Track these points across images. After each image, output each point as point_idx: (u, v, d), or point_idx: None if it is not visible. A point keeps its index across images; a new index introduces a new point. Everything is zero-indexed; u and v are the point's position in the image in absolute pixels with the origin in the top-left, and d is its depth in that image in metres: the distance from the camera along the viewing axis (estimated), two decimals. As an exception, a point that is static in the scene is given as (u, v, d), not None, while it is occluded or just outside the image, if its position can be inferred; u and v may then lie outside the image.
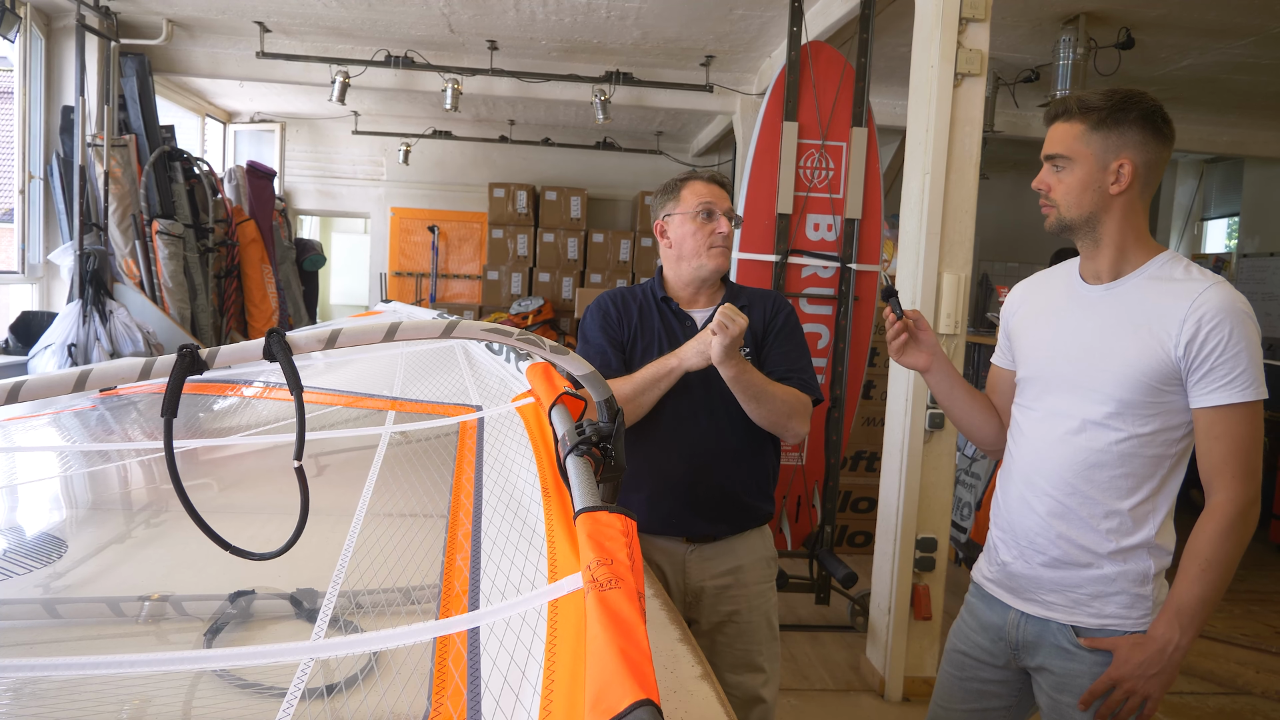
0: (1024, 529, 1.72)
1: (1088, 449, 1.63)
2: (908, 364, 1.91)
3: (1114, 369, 1.59)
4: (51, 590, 1.40)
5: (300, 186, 9.40)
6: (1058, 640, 1.68)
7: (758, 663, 2.16)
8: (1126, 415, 1.59)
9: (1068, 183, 1.64)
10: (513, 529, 1.16)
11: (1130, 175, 1.60)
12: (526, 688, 0.82)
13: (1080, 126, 1.62)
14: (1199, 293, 1.54)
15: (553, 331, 8.97)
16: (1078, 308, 1.69)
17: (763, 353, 2.15)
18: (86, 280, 5.26)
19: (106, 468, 2.05)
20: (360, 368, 2.49)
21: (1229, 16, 4.75)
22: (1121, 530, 1.61)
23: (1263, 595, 4.89)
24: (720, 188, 2.16)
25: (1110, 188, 1.61)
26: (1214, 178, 9.26)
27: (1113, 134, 1.60)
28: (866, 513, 5.09)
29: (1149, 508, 1.61)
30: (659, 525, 2.12)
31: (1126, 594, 1.62)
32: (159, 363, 0.98)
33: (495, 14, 5.46)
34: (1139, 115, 1.60)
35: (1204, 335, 1.52)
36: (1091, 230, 1.64)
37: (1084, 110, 1.62)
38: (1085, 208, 1.63)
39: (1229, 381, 1.52)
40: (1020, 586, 1.73)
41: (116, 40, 5.72)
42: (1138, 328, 1.58)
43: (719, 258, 2.14)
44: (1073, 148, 1.63)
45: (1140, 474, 1.61)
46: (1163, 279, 1.60)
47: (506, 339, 1.04)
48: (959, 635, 1.89)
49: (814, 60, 4.00)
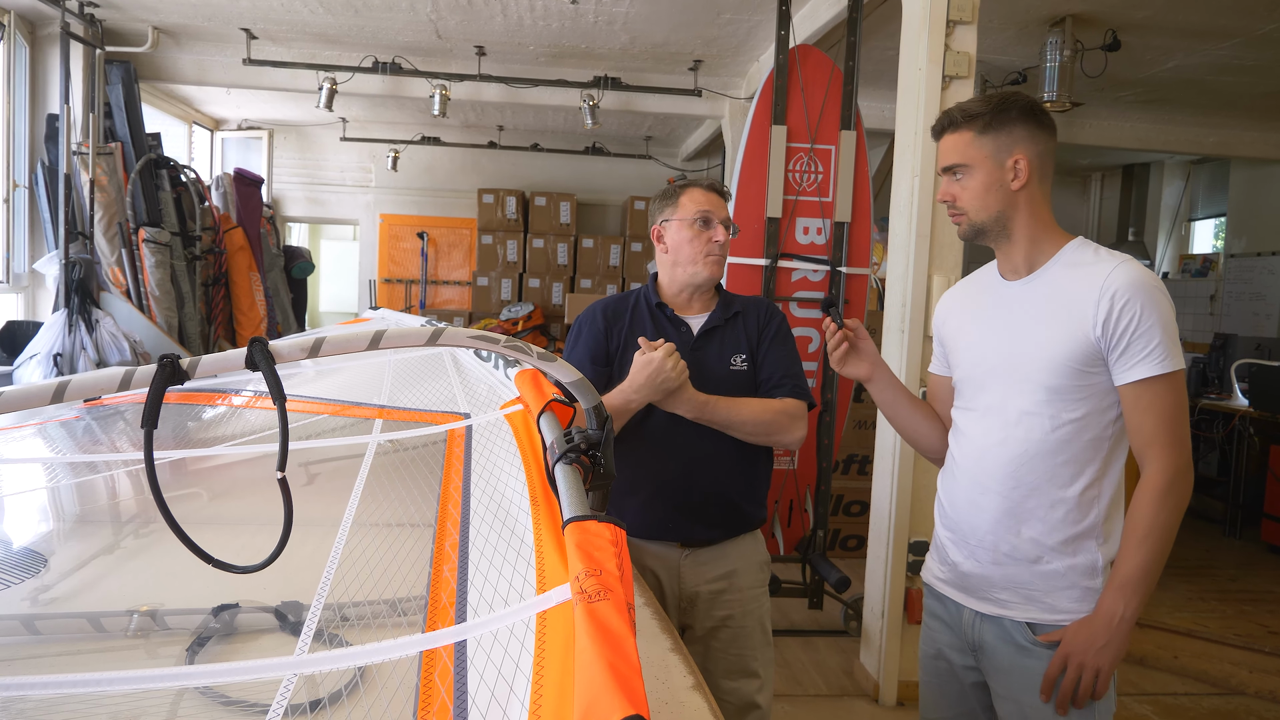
0: (973, 528, 1.74)
1: (1026, 440, 1.66)
2: (849, 374, 1.93)
3: (1039, 357, 1.64)
4: (37, 604, 1.38)
5: (288, 194, 9.37)
6: (1013, 638, 1.69)
7: (752, 668, 2.16)
8: (1056, 401, 1.63)
9: (971, 188, 1.70)
10: (501, 539, 1.15)
11: (1027, 169, 1.66)
12: (514, 702, 0.81)
13: (969, 133, 1.69)
14: (1108, 273, 1.58)
15: (543, 337, 8.95)
16: (1000, 304, 1.75)
17: (758, 359, 2.17)
18: (72, 289, 5.23)
19: (92, 479, 2.02)
20: (348, 376, 2.47)
21: (1214, 18, 4.77)
22: (1070, 519, 1.64)
23: (1255, 595, 4.90)
24: (719, 196, 2.19)
25: (1011, 184, 1.67)
26: (1201, 179, 9.31)
27: (1001, 134, 1.67)
28: (859, 516, 5.09)
29: (1094, 493, 1.64)
30: (653, 530, 2.12)
31: (1077, 587, 1.64)
32: (139, 373, 0.96)
33: (483, 19, 5.45)
34: (1019, 112, 1.67)
35: (1117, 313, 1.56)
36: (1003, 229, 1.70)
37: (968, 118, 1.69)
38: (993, 208, 1.69)
39: (1147, 355, 1.56)
40: (973, 586, 1.75)
41: (102, 48, 5.69)
42: (1056, 315, 1.63)
43: (714, 266, 2.15)
44: (967, 154, 1.69)
45: (1080, 459, 1.64)
46: (1075, 264, 1.65)
47: (493, 346, 1.03)
48: (927, 641, 1.90)
49: (802, 64, 4.00)
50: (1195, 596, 4.83)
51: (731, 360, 2.15)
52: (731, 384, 2.12)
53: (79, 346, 5.14)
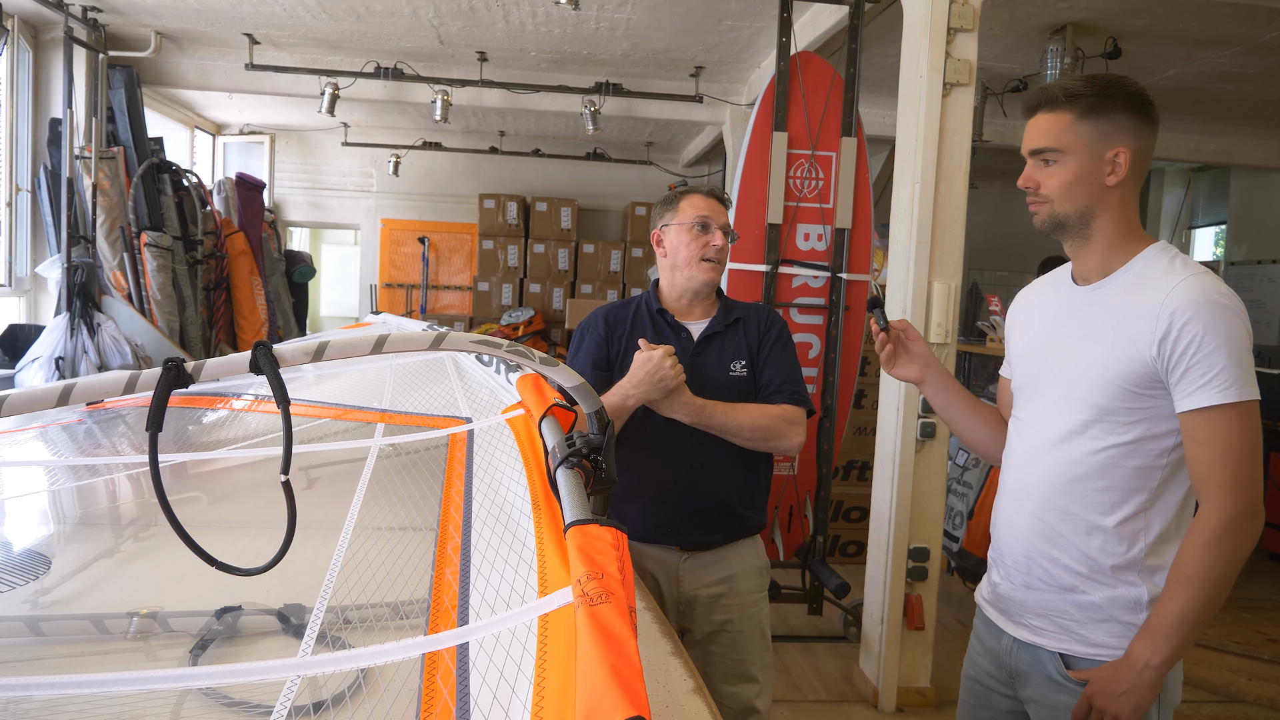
0: (1009, 548, 1.64)
1: (1066, 460, 1.54)
2: (899, 376, 1.86)
3: (1090, 374, 1.50)
4: (38, 607, 1.38)
5: (290, 198, 9.38)
6: (1047, 670, 1.58)
7: (751, 673, 2.16)
8: (1104, 423, 1.49)
9: (1060, 176, 1.53)
10: (502, 542, 1.15)
11: (1126, 164, 1.50)
12: (516, 704, 0.81)
13: (1068, 116, 1.52)
14: (1173, 286, 1.43)
15: (543, 343, 8.95)
16: (1065, 310, 1.61)
17: (758, 365, 2.18)
18: (74, 293, 5.23)
19: (94, 482, 2.03)
20: (350, 380, 2.48)
21: (1214, 27, 4.78)
22: (1106, 550, 1.51)
23: (1255, 603, 4.90)
24: (719, 203, 2.20)
25: (1107, 179, 1.51)
26: (1201, 186, 9.32)
27: (1103, 121, 1.50)
28: (858, 522, 5.09)
29: (1138, 525, 1.49)
30: (653, 534, 2.13)
31: (1116, 621, 1.51)
32: (144, 376, 0.97)
33: (485, 25, 5.47)
34: (1127, 100, 1.50)
35: (1176, 332, 1.40)
36: (1084, 227, 1.54)
37: (1070, 98, 1.51)
38: (1080, 201, 1.53)
39: (1207, 381, 1.39)
40: (1009, 609, 1.65)
41: (104, 52, 5.70)
42: (1115, 328, 1.49)
43: (710, 271, 2.17)
44: (1062, 139, 1.52)
45: (1124, 487, 1.49)
46: (1146, 275, 1.50)
47: (495, 350, 1.03)
48: (969, 661, 1.80)
49: (803, 70, 4.01)
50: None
51: (731, 366, 2.16)
52: (731, 390, 2.13)
53: (81, 350, 5.15)
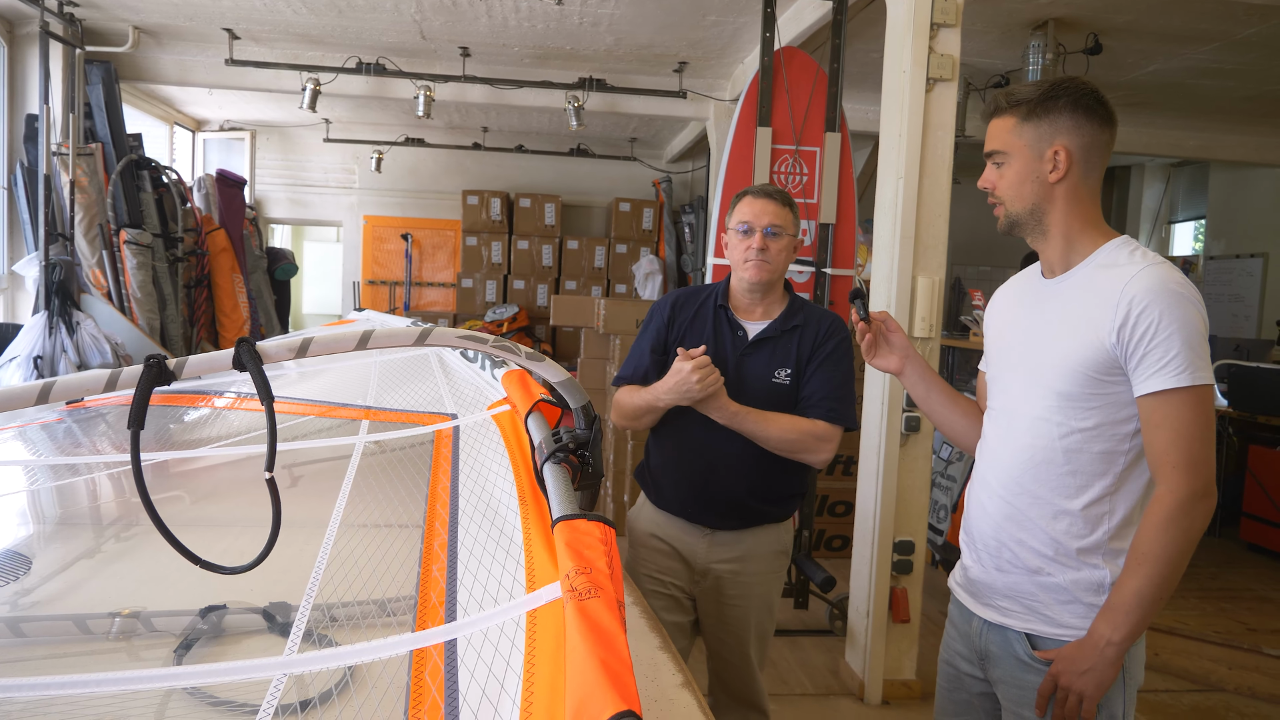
0: (980, 532, 1.70)
1: (1033, 446, 1.60)
2: (879, 366, 1.91)
3: (1055, 362, 1.57)
4: (19, 608, 1.37)
5: (271, 195, 9.32)
6: (1014, 650, 1.64)
7: (746, 637, 2.28)
8: (1066, 409, 1.56)
9: (1008, 177, 1.62)
10: (490, 538, 1.15)
11: (1066, 161, 1.57)
12: (505, 700, 0.81)
13: (1012, 119, 1.61)
14: (1131, 276, 1.49)
15: (528, 339, 8.94)
16: (1034, 303, 1.68)
17: (804, 376, 2.19)
18: (52, 291, 5.18)
19: (74, 481, 2.01)
20: (333, 377, 2.46)
21: (1194, 23, 4.82)
22: (1072, 532, 1.57)
23: (1234, 592, 4.95)
24: (771, 200, 2.21)
25: (1049, 176, 1.59)
26: (1181, 181, 9.41)
27: (1043, 122, 1.58)
28: (844, 516, 5.11)
29: (1103, 509, 1.56)
30: (682, 510, 2.24)
31: (1080, 603, 1.57)
32: (125, 374, 0.96)
33: (467, 20, 5.44)
34: (1068, 100, 1.58)
35: (1134, 319, 1.47)
36: (1038, 223, 1.62)
37: (1014, 104, 1.61)
38: (1028, 200, 1.61)
39: (1163, 366, 1.45)
40: (979, 592, 1.71)
41: (82, 47, 5.64)
42: (1077, 317, 1.56)
43: (753, 270, 2.19)
44: (1007, 141, 1.62)
45: (1089, 471, 1.56)
46: (1107, 266, 1.56)
47: (481, 346, 1.03)
48: (945, 646, 1.86)
49: (787, 66, 4.01)
50: (1175, 594, 4.84)
51: (775, 373, 2.18)
52: (768, 397, 2.16)
53: (60, 349, 5.10)
